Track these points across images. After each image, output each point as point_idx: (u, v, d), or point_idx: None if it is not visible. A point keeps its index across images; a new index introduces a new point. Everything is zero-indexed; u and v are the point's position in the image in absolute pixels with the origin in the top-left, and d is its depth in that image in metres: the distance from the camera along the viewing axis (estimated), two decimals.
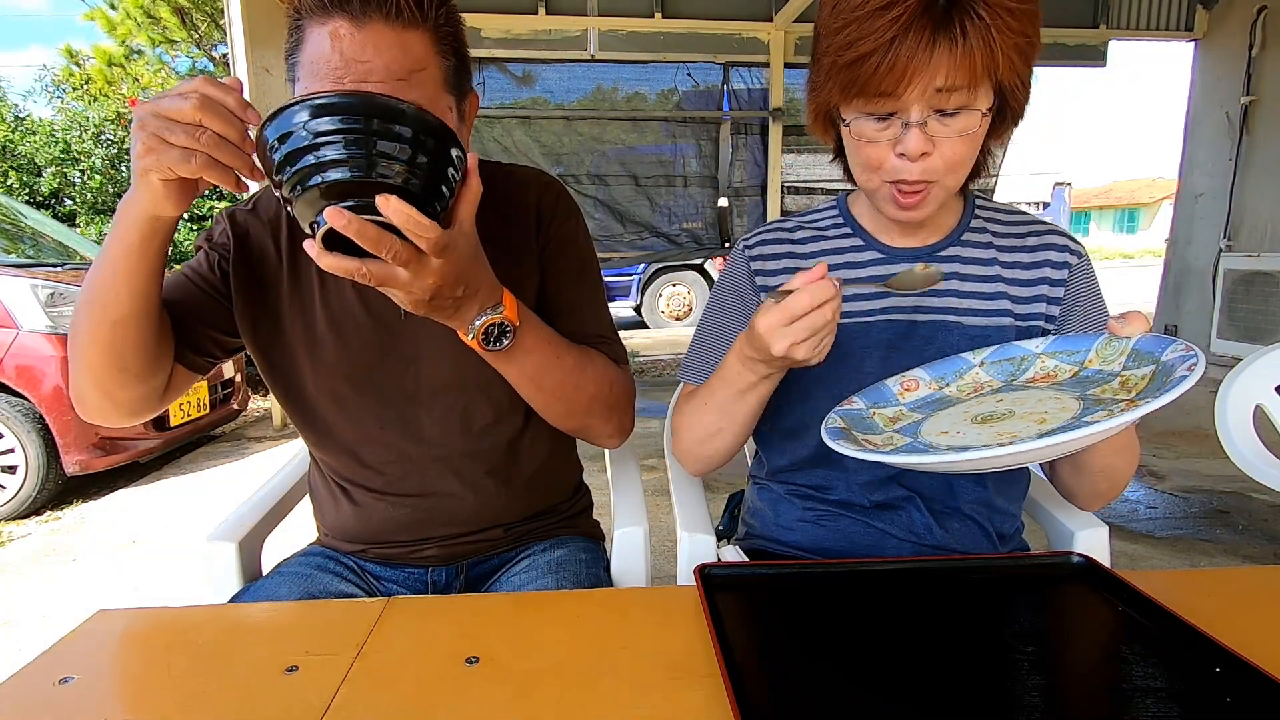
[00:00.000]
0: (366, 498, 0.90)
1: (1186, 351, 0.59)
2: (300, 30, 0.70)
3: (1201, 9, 5.38)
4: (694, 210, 5.54)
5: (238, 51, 3.76)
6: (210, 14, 8.00)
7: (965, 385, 0.76)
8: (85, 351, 0.74)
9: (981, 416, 0.67)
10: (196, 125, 0.60)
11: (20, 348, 2.90)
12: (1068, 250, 0.85)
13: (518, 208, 0.90)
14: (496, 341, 0.73)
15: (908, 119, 0.71)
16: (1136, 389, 0.62)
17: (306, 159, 0.57)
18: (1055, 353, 0.72)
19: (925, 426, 0.70)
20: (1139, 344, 0.65)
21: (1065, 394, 0.66)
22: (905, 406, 0.76)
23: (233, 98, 0.61)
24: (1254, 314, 4.77)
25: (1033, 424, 0.62)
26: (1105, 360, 0.68)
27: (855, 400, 0.76)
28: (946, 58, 0.67)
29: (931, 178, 0.74)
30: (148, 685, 0.57)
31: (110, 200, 7.08)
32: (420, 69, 0.70)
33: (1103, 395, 0.63)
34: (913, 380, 0.78)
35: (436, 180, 0.61)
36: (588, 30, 5.04)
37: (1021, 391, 0.70)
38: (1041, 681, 0.52)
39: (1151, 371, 0.62)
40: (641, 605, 0.67)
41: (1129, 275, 15.33)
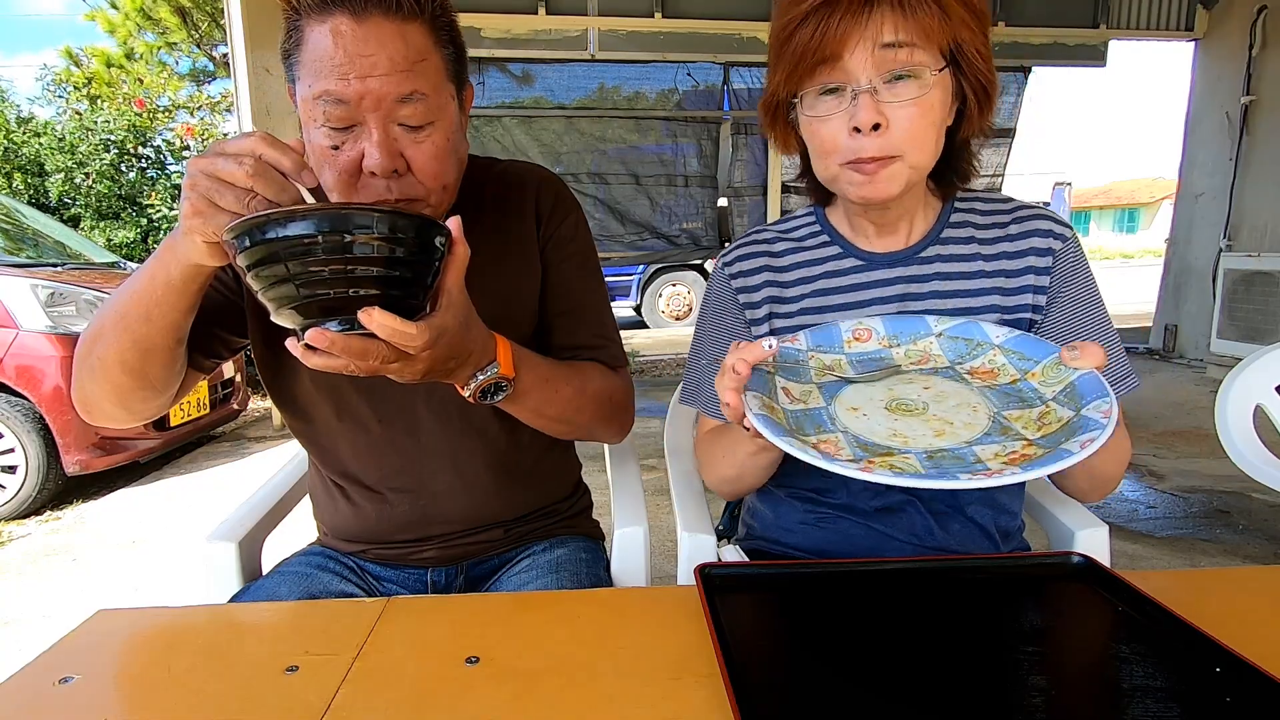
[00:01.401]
0: (364, 496, 0.90)
1: (1103, 417, 0.56)
2: (299, 30, 0.69)
3: (1201, 9, 5.38)
4: (694, 210, 5.54)
5: (238, 51, 3.76)
6: (210, 14, 8.00)
7: (914, 352, 0.73)
8: (111, 371, 0.74)
9: (897, 404, 0.65)
10: (249, 191, 0.58)
11: (20, 348, 2.90)
12: (1051, 235, 0.82)
13: (517, 203, 0.90)
14: (493, 395, 0.74)
15: (857, 86, 0.69)
16: (1046, 430, 0.59)
17: (280, 280, 0.54)
18: (1010, 350, 0.70)
19: (845, 394, 0.68)
20: (1080, 381, 0.62)
21: (986, 405, 0.64)
22: (847, 357, 0.73)
23: (289, 160, 0.59)
24: (1254, 314, 4.77)
25: (929, 432, 0.61)
26: (1045, 380, 0.65)
27: (800, 338, 0.74)
28: (887, 16, 0.66)
29: (891, 152, 0.72)
30: (148, 685, 0.57)
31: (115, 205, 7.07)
32: (422, 59, 0.70)
33: (1012, 423, 0.61)
34: (866, 330, 0.75)
35: (421, 268, 0.59)
36: (588, 30, 5.04)
37: (955, 383, 0.68)
38: (1041, 681, 0.52)
39: (1068, 420, 0.59)
40: (641, 605, 0.67)
41: (1129, 275, 15.32)
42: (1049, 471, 0.52)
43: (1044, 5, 5.31)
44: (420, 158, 0.72)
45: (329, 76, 0.67)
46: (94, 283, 3.22)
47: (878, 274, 0.84)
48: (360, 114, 0.69)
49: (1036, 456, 0.55)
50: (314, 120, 0.70)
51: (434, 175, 0.74)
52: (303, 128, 0.73)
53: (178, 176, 7.43)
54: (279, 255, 0.53)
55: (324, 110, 0.68)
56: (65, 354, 2.91)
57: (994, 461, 0.56)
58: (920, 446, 0.59)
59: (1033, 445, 0.57)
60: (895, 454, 0.58)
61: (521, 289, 0.89)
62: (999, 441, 0.59)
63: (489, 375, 0.71)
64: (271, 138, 0.59)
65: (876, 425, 0.63)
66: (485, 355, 0.71)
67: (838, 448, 0.60)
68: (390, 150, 0.70)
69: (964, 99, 0.75)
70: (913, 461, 0.57)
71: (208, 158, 0.59)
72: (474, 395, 0.72)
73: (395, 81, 0.68)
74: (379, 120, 0.69)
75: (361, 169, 0.71)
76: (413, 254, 0.57)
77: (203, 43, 8.42)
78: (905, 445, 0.60)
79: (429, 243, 0.58)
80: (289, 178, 0.59)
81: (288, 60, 0.72)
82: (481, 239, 0.86)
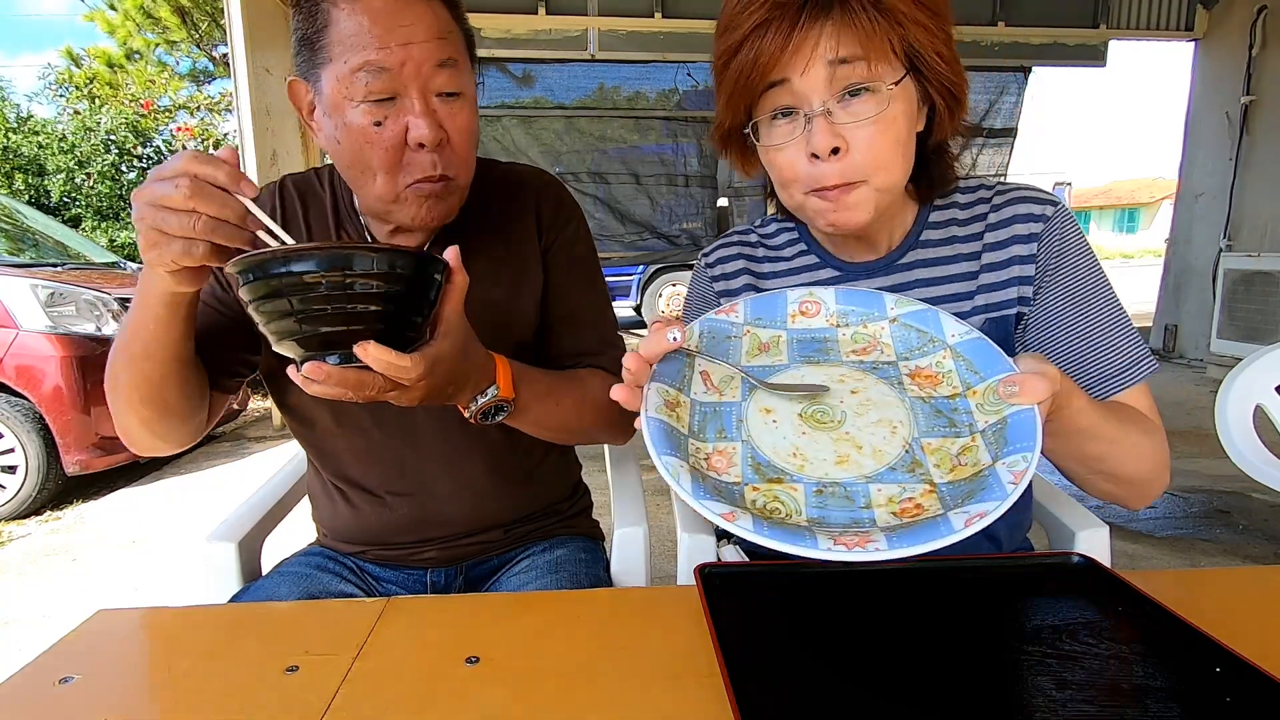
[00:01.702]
0: (364, 499, 0.90)
1: (1011, 482, 0.49)
2: (321, 13, 0.71)
3: (1201, 9, 5.39)
4: (694, 210, 5.54)
5: (238, 51, 3.76)
6: (210, 14, 8.00)
7: (862, 336, 0.66)
8: (132, 404, 0.76)
9: (814, 411, 0.59)
10: (191, 212, 0.58)
11: (20, 348, 2.90)
12: (1031, 218, 0.75)
13: (518, 209, 0.90)
14: (494, 416, 0.75)
15: (810, 108, 0.65)
16: (957, 474, 0.53)
17: (280, 315, 0.56)
18: (961, 355, 0.62)
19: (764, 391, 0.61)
20: (1014, 420, 0.54)
21: (909, 425, 0.58)
22: (788, 334, 0.67)
23: (223, 172, 0.58)
24: (1254, 314, 4.77)
25: (831, 456, 0.55)
26: (983, 404, 0.57)
27: (739, 308, 0.67)
28: (830, 31, 0.62)
29: (854, 178, 0.67)
30: (148, 685, 0.57)
31: (116, 205, 7.08)
32: (450, 29, 0.74)
33: (925, 457, 0.55)
34: (815, 303, 0.68)
35: (418, 302, 0.60)
36: (588, 30, 5.04)
37: (887, 389, 0.61)
38: (1042, 682, 0.52)
39: (981, 469, 0.52)
40: (641, 605, 0.67)
41: (1129, 275, 15.32)
42: (914, 552, 0.46)
43: (1044, 5, 5.32)
44: (456, 129, 0.75)
45: (368, 48, 0.69)
46: (94, 283, 3.22)
47: (857, 285, 0.80)
48: (402, 82, 0.71)
49: (923, 517, 0.50)
50: (352, 98, 0.71)
51: (468, 147, 0.78)
52: (335, 113, 0.73)
53: None
54: (280, 291, 0.54)
55: (365, 83, 0.70)
56: (65, 354, 2.91)
57: (884, 509, 0.52)
58: (814, 475, 0.54)
59: (933, 493, 0.52)
60: (785, 481, 0.54)
61: (520, 296, 0.88)
62: (900, 481, 0.54)
63: (488, 398, 0.72)
64: (202, 155, 0.59)
65: (782, 439, 0.57)
66: (484, 378, 0.72)
67: (730, 462, 0.56)
68: (434, 120, 0.72)
69: (932, 103, 0.70)
70: (798, 496, 0.53)
71: (146, 187, 0.59)
72: (475, 417, 0.74)
73: (434, 48, 0.71)
74: (420, 90, 0.72)
75: (405, 144, 0.73)
76: (411, 290, 0.58)
77: (203, 43, 8.42)
78: (800, 471, 0.55)
79: (427, 278, 0.60)
80: (229, 191, 0.59)
81: (310, 47, 0.72)
82: (480, 243, 0.87)
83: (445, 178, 0.75)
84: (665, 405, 0.58)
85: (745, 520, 0.49)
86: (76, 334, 2.97)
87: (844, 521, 0.51)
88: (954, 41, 0.67)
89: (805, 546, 0.47)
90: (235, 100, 3.83)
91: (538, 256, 0.90)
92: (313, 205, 0.88)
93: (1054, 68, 5.69)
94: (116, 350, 0.74)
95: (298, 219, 0.88)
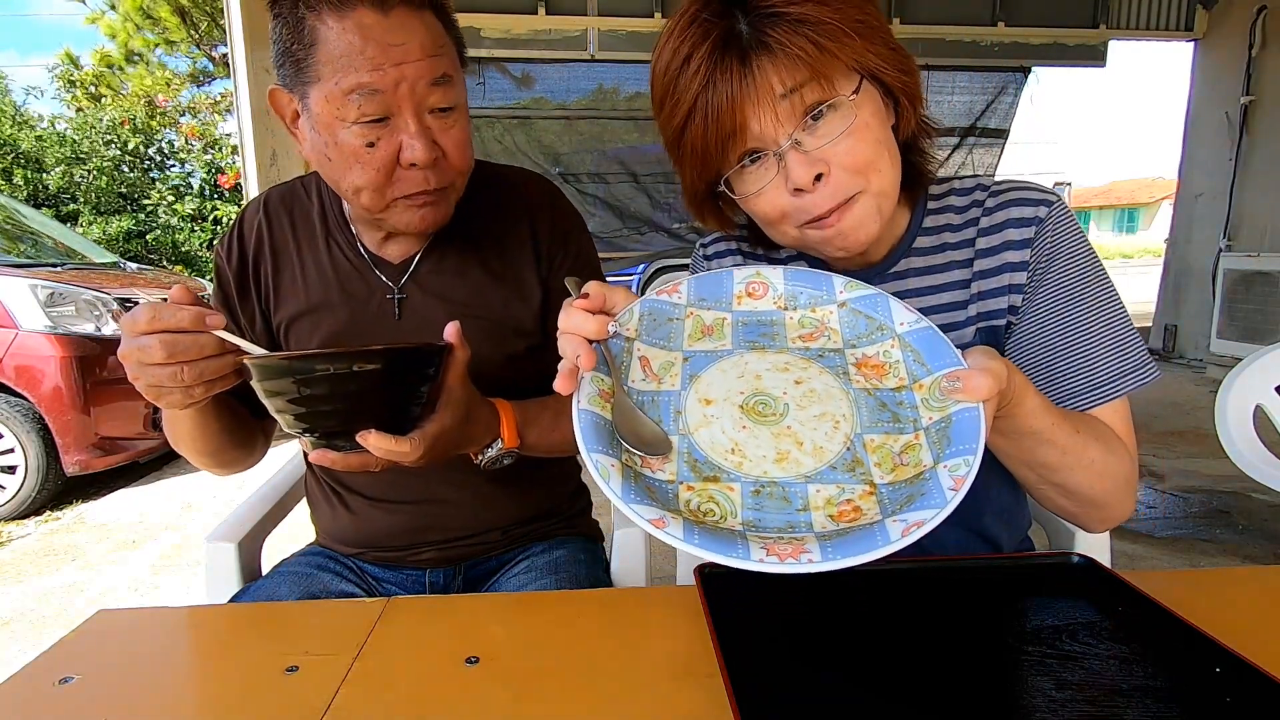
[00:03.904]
0: (363, 504, 0.90)
1: (951, 488, 0.47)
2: (307, 30, 0.67)
3: (1201, 9, 5.38)
4: None
5: (237, 51, 3.75)
6: (210, 14, 8.00)
7: (810, 321, 0.63)
8: (197, 463, 0.85)
9: (755, 402, 0.57)
10: (175, 366, 0.61)
11: (20, 348, 2.90)
12: (1024, 222, 0.71)
13: (513, 217, 0.89)
14: (501, 462, 0.78)
15: (778, 148, 0.63)
16: (897, 476, 0.51)
17: (290, 412, 0.60)
18: (909, 346, 0.59)
19: (708, 375, 0.59)
20: (958, 419, 0.52)
21: (852, 419, 0.55)
22: (733, 316, 0.64)
23: (187, 318, 0.61)
24: (1254, 314, 4.77)
25: (771, 453, 0.53)
26: (928, 398, 0.55)
27: (681, 289, 0.64)
28: (770, 69, 0.60)
29: (846, 194, 0.64)
30: (148, 685, 0.57)
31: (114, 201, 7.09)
32: (443, 44, 0.72)
33: (867, 455, 0.53)
34: (762, 284, 0.65)
35: (417, 386, 0.64)
36: (588, 30, 5.04)
37: (831, 380, 0.59)
38: (1042, 682, 0.52)
39: (922, 470, 0.51)
40: (641, 605, 0.67)
41: (1129, 275, 15.32)
42: (847, 564, 0.44)
43: (1044, 5, 5.31)
44: (451, 143, 0.74)
45: (360, 70, 0.67)
46: (94, 283, 3.22)
47: None
48: (395, 103, 0.69)
49: (860, 521, 0.48)
50: (344, 119, 0.69)
51: (463, 159, 0.77)
52: (324, 130, 0.71)
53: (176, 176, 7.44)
54: (284, 392, 0.59)
55: (358, 105, 0.68)
56: (65, 354, 2.91)
57: (821, 511, 0.50)
58: (753, 474, 0.52)
59: (872, 496, 0.50)
60: (721, 480, 0.52)
61: (514, 308, 0.88)
62: (840, 481, 0.52)
63: (495, 451, 0.76)
64: (162, 307, 0.61)
65: (720, 433, 0.55)
66: (489, 434, 0.74)
67: (665, 459, 0.53)
68: (428, 139, 0.71)
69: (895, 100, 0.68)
70: (734, 497, 0.51)
71: (127, 348, 0.62)
72: (484, 467, 0.77)
73: (427, 66, 0.69)
74: (414, 109, 0.70)
75: (398, 163, 0.72)
76: (413, 379, 0.63)
77: (203, 43, 8.42)
78: (737, 469, 0.53)
79: (427, 368, 0.63)
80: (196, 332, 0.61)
81: (297, 64, 0.69)
82: (474, 252, 0.87)
83: (439, 189, 0.75)
84: (599, 395, 0.55)
85: (675, 528, 0.47)
86: (76, 334, 2.97)
87: (779, 525, 0.49)
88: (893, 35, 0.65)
89: (737, 558, 0.45)
90: (235, 100, 3.83)
91: (535, 271, 0.88)
92: (299, 217, 0.88)
93: (1054, 68, 5.69)
94: (166, 430, 0.82)
95: (285, 233, 0.88)
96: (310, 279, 0.86)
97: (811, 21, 0.60)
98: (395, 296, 0.85)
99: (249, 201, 0.89)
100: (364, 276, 0.85)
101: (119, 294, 3.19)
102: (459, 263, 0.86)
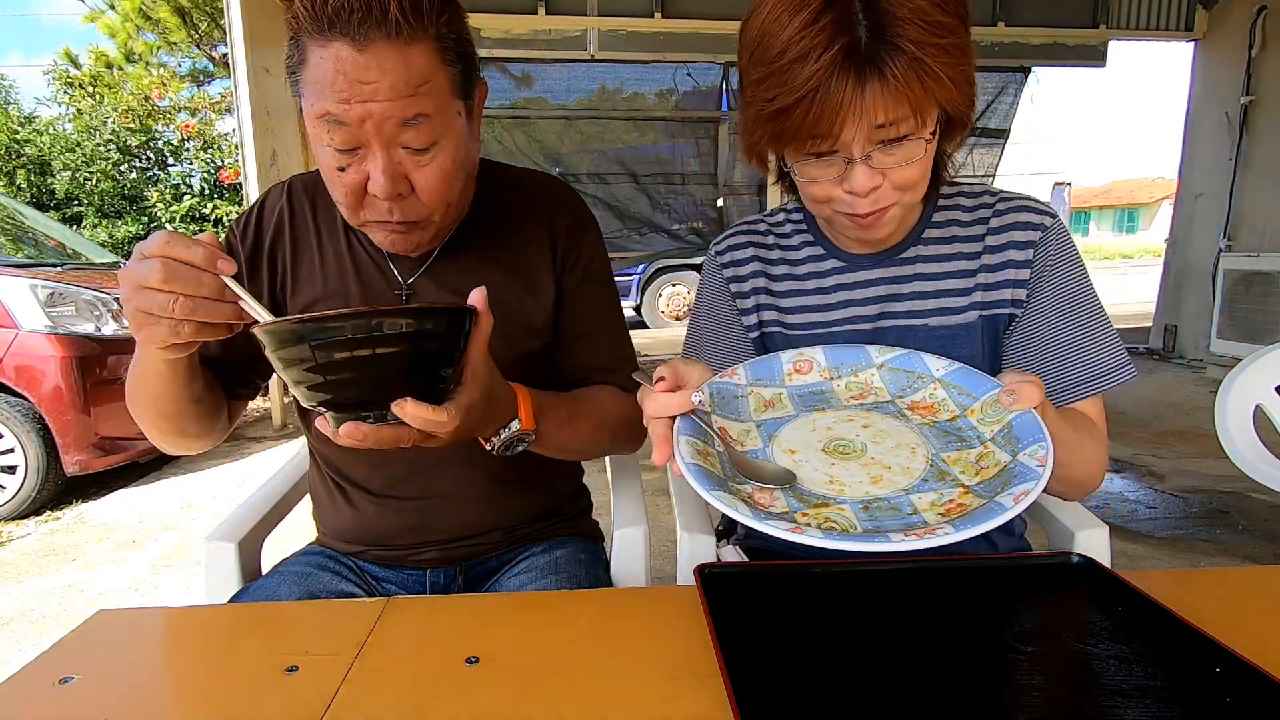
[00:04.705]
0: (366, 500, 0.90)
1: (1038, 464, 0.55)
2: (302, 47, 0.68)
3: (1201, 9, 5.38)
4: (694, 209, 5.55)
5: (237, 51, 3.76)
6: (210, 14, 8.00)
7: (855, 384, 0.72)
8: (151, 431, 0.82)
9: (835, 445, 0.64)
10: (169, 293, 0.59)
11: (20, 348, 2.90)
12: (1031, 226, 0.80)
13: (530, 217, 0.89)
14: (515, 447, 0.76)
15: (850, 156, 0.68)
16: (983, 475, 0.59)
17: (313, 383, 0.56)
18: (951, 384, 0.69)
19: (784, 433, 0.66)
20: (1018, 422, 0.61)
21: (925, 445, 0.63)
22: (788, 390, 0.72)
23: (199, 254, 0.59)
24: (1254, 314, 4.77)
25: (866, 479, 0.59)
26: (984, 418, 0.64)
27: (739, 372, 0.73)
28: (879, 98, 0.64)
29: (885, 204, 0.72)
30: (148, 685, 0.57)
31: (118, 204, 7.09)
32: (426, 81, 0.68)
33: (950, 467, 0.60)
34: (807, 361, 0.74)
35: (449, 353, 0.61)
36: (588, 30, 5.04)
37: (894, 420, 0.67)
38: (1041, 681, 0.52)
39: (1005, 465, 0.58)
40: (641, 605, 0.67)
41: (1129, 275, 15.33)
42: (980, 530, 0.50)
43: (1044, 5, 5.31)
44: (424, 180, 0.72)
45: (330, 99, 0.66)
46: (94, 283, 3.22)
47: (859, 275, 0.84)
48: (363, 137, 0.68)
49: (971, 508, 0.54)
50: (319, 139, 0.70)
51: (438, 196, 0.74)
52: (312, 141, 0.73)
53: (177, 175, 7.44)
54: (309, 358, 0.54)
55: (328, 131, 0.68)
56: (65, 354, 2.91)
57: (930, 512, 0.55)
58: (856, 495, 0.58)
59: (970, 493, 0.56)
60: (831, 504, 0.57)
61: (528, 306, 0.88)
62: (936, 489, 0.58)
63: (511, 432, 0.73)
64: (180, 237, 0.60)
65: (814, 471, 0.61)
66: (507, 414, 0.73)
67: (772, 497, 0.58)
68: (394, 174, 0.70)
69: None
70: (848, 514, 0.56)
71: (130, 267, 0.61)
72: (497, 450, 0.74)
73: (398, 107, 0.67)
74: (382, 144, 0.68)
75: (367, 190, 0.71)
76: (441, 344, 0.59)
77: (202, 43, 8.42)
78: (841, 494, 0.58)
79: (457, 329, 0.60)
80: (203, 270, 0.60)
81: (292, 75, 0.71)
82: (490, 250, 0.87)
83: (409, 221, 0.75)
84: (698, 454, 0.60)
85: (814, 531, 0.52)
86: (76, 334, 2.97)
87: (898, 527, 0.54)
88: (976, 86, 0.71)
89: (880, 542, 0.50)
90: (235, 100, 3.83)
91: (550, 270, 0.89)
92: (322, 205, 0.88)
93: (1054, 68, 5.69)
94: (130, 387, 0.77)
95: (307, 219, 0.88)
96: (329, 267, 0.87)
97: (927, 66, 0.63)
98: (403, 293, 0.86)
99: (271, 186, 0.89)
100: (380, 269, 0.86)
101: (119, 294, 3.18)
102: (475, 260, 0.87)
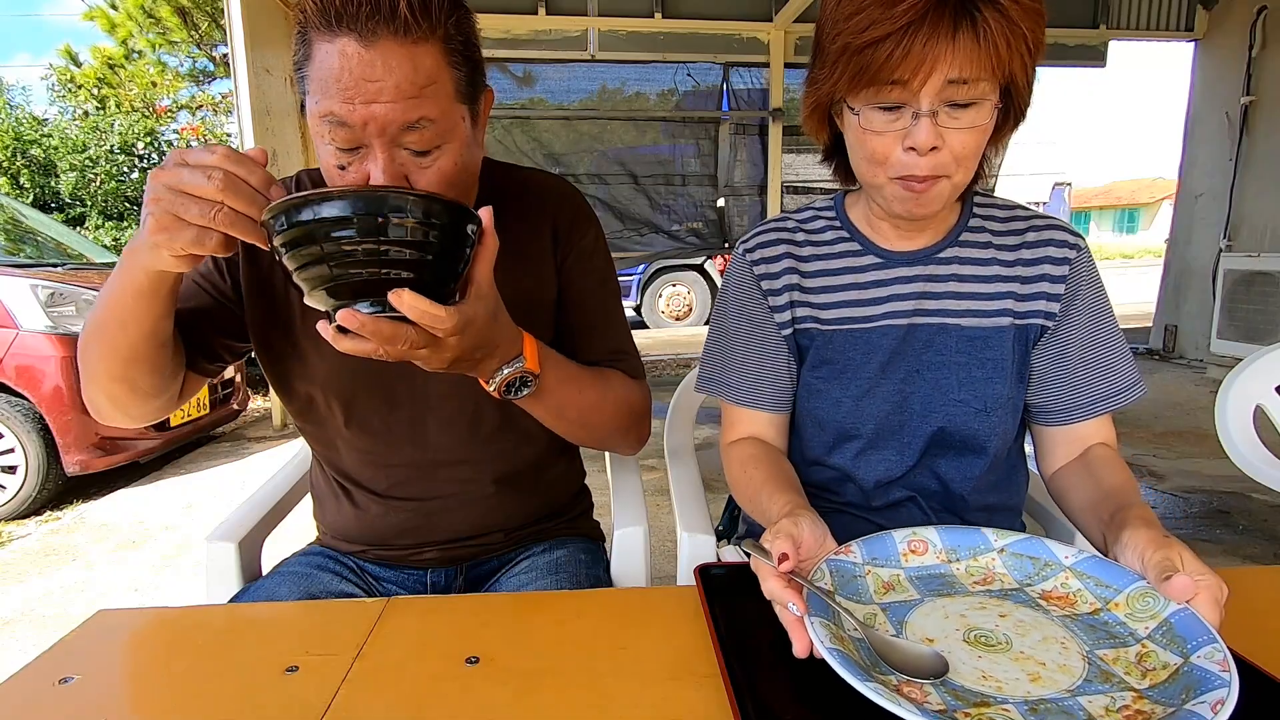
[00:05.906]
0: (368, 500, 0.90)
1: (1220, 669, 0.49)
2: (308, 42, 0.67)
3: (1201, 9, 5.38)
4: (694, 209, 5.55)
5: (238, 51, 3.75)
6: (210, 14, 8.00)
7: (976, 569, 0.68)
8: (99, 377, 0.75)
9: (976, 635, 0.59)
10: (216, 204, 0.58)
11: (20, 348, 2.90)
12: (1066, 245, 0.84)
13: (535, 216, 0.89)
14: (518, 390, 0.74)
15: (918, 109, 0.69)
16: (1152, 679, 0.52)
17: (315, 260, 0.55)
18: (1084, 574, 0.64)
19: (914, 618, 0.61)
20: (1176, 620, 0.55)
21: (1074, 641, 0.57)
22: (905, 573, 0.68)
23: (257, 176, 0.59)
24: (1254, 314, 4.77)
25: (1023, 676, 0.53)
26: (1134, 613, 0.58)
27: (853, 549, 0.68)
28: (966, 48, 0.65)
29: (941, 173, 0.72)
30: (148, 685, 0.57)
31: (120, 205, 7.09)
32: (431, 83, 0.67)
33: (1111, 667, 0.54)
34: (921, 541, 0.70)
35: (452, 255, 0.59)
36: (588, 30, 5.04)
37: (1031, 611, 0.62)
38: None
39: (1176, 667, 0.52)
40: (641, 605, 0.67)
41: (1129, 275, 15.32)
42: None
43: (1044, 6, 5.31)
44: (424, 182, 0.71)
45: (334, 98, 0.65)
46: (94, 283, 3.22)
47: (896, 272, 0.84)
48: (365, 137, 0.67)
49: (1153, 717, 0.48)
50: (321, 137, 0.69)
51: None
52: (314, 138, 0.72)
53: None
54: (314, 235, 0.54)
55: (329, 129, 0.67)
56: (65, 354, 2.91)
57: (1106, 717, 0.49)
58: (1018, 695, 0.52)
59: (1143, 699, 0.51)
60: (992, 704, 0.51)
61: (531, 302, 0.87)
62: (1104, 691, 0.52)
63: (514, 368, 0.71)
64: (236, 154, 0.59)
65: (960, 665, 0.55)
66: (512, 349, 0.71)
67: (924, 693, 0.52)
68: (395, 175, 0.69)
69: None
70: (1013, 713, 0.50)
71: (169, 170, 0.59)
72: (499, 389, 0.72)
73: (401, 109, 0.66)
74: (384, 145, 0.67)
75: None
76: (445, 239, 0.58)
77: (203, 43, 8.42)
78: (1000, 693, 0.52)
79: (461, 229, 0.59)
80: (257, 193, 0.59)
81: (298, 71, 0.70)
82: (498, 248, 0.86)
83: None
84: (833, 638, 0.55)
85: None
86: (77, 334, 2.96)
87: None
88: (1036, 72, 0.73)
89: None
90: (235, 100, 3.83)
91: (552, 266, 0.89)
92: None
93: (1054, 68, 5.69)
94: (90, 324, 0.73)
95: None
96: None
97: (1017, 26, 0.65)
98: None
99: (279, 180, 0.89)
100: None
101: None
102: None
